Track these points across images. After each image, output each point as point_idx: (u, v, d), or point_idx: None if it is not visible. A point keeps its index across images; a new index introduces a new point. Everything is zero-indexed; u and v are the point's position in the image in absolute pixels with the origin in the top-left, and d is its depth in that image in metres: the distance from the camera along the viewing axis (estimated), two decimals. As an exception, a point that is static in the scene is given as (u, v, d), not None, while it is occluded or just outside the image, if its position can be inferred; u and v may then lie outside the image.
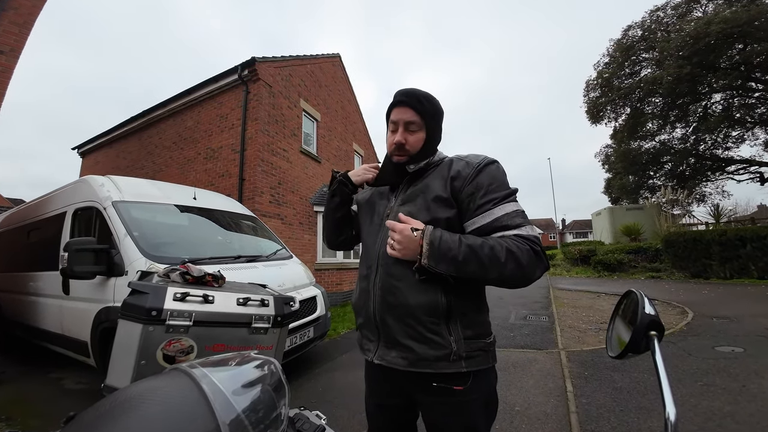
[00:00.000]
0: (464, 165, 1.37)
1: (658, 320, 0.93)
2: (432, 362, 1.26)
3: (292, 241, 10.42)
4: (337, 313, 9.23)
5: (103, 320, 3.75)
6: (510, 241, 1.19)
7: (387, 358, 1.35)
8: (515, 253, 1.16)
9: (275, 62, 10.72)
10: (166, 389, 0.77)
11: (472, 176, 1.32)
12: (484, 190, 1.29)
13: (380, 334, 1.37)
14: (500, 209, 1.26)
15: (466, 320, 1.30)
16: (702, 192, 28.90)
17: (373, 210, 1.56)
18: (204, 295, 1.98)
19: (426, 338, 1.27)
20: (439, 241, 1.19)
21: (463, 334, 1.28)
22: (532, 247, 1.19)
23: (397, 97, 1.42)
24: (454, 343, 1.26)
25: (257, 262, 4.72)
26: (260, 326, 2.07)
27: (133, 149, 13.40)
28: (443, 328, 1.27)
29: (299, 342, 4.62)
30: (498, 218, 1.25)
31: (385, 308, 1.34)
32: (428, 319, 1.26)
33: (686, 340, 5.75)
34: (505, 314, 8.64)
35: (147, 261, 3.63)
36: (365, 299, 1.42)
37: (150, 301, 1.80)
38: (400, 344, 1.31)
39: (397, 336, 1.31)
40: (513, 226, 1.23)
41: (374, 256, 1.44)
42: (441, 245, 1.18)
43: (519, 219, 1.24)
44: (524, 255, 1.17)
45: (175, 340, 1.81)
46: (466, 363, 1.26)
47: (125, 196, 4.45)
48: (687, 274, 14.28)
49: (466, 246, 1.18)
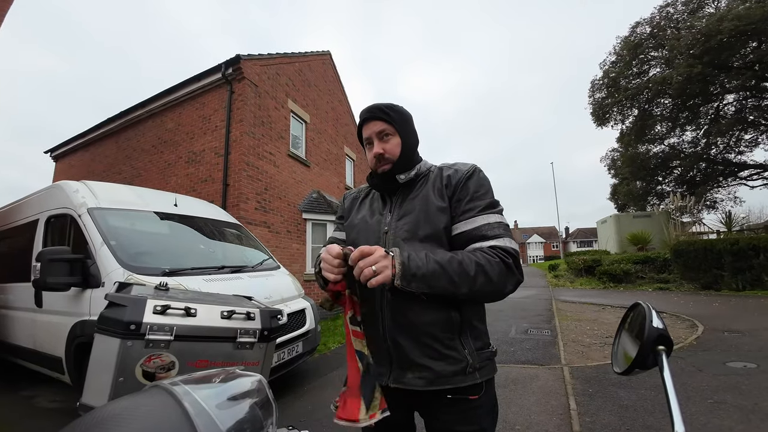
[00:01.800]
0: (454, 172, 1.49)
1: (666, 334, 0.94)
2: (450, 378, 1.31)
3: (279, 250, 10.41)
4: (327, 327, 9.19)
5: (78, 334, 3.72)
6: (481, 254, 1.26)
7: (404, 380, 1.37)
8: (484, 267, 1.23)
9: (261, 60, 10.75)
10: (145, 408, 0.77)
11: (462, 182, 1.43)
12: (470, 197, 1.40)
13: (392, 356, 1.39)
14: (483, 218, 1.35)
15: (475, 331, 1.39)
16: (713, 198, 28.99)
17: (369, 229, 1.56)
18: (186, 308, 1.98)
19: (443, 355, 1.32)
20: (408, 261, 1.22)
21: (474, 346, 1.36)
22: (502, 259, 1.25)
23: (363, 115, 1.52)
24: (469, 355, 1.33)
25: (242, 272, 4.71)
26: (246, 341, 2.07)
27: (109, 153, 13.36)
28: (458, 342, 1.34)
29: (287, 357, 4.61)
30: (479, 227, 1.34)
31: (396, 329, 1.36)
32: (444, 336, 1.33)
33: (696, 355, 5.79)
34: (505, 328, 8.66)
35: (125, 271, 3.62)
36: (372, 321, 1.43)
37: (128, 314, 1.79)
38: (416, 364, 1.34)
39: (412, 356, 1.34)
40: (490, 237, 1.31)
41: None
42: (411, 265, 1.21)
43: (499, 230, 1.33)
44: (494, 268, 1.23)
45: (156, 355, 1.81)
46: (480, 374, 1.34)
47: (101, 203, 4.44)
48: (697, 285, 14.28)
49: (434, 262, 1.23)
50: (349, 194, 1.79)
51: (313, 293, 10.92)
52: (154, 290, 2.26)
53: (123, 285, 2.28)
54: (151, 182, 11.25)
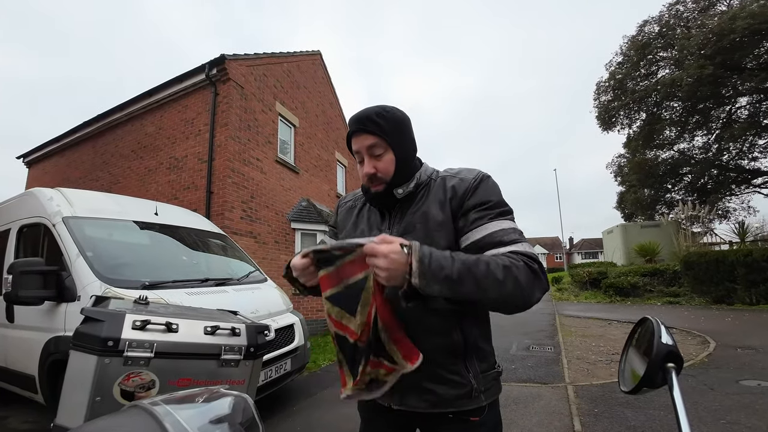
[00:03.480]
0: (459, 181, 1.41)
1: (676, 351, 0.94)
2: (453, 401, 1.33)
3: (266, 261, 10.38)
4: (317, 344, 9.17)
5: (52, 351, 3.70)
6: (505, 258, 1.18)
7: (406, 402, 1.38)
8: (513, 271, 1.14)
9: (248, 60, 10.79)
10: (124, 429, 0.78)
11: (470, 192, 1.37)
12: (480, 205, 1.34)
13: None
14: (496, 224, 1.29)
15: (480, 353, 1.39)
16: (725, 207, 29.04)
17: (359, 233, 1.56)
18: (167, 323, 1.98)
19: (447, 379, 1.33)
20: (429, 258, 1.10)
21: (479, 369, 1.37)
22: (527, 264, 1.18)
23: (352, 126, 1.42)
24: (473, 379, 1.33)
25: (227, 285, 4.71)
26: (231, 358, 2.07)
27: (86, 158, 13.33)
28: (462, 366, 1.34)
29: (275, 376, 4.59)
30: (492, 233, 1.27)
31: None
32: (448, 361, 1.34)
33: (707, 373, 5.82)
34: (505, 344, 8.65)
35: (102, 284, 3.61)
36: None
37: (106, 329, 1.80)
38: (419, 387, 1.35)
39: (415, 381, 1.34)
40: (507, 242, 1.24)
41: None
42: (432, 262, 1.10)
43: (515, 235, 1.27)
44: (521, 272, 1.15)
45: (135, 373, 1.81)
46: (485, 395, 1.36)
47: (77, 212, 4.43)
48: (708, 299, 14.32)
49: (460, 263, 1.12)
50: (344, 202, 1.75)
51: (303, 307, 10.89)
52: (133, 304, 2.26)
53: (100, 299, 2.28)
54: (130, 190, 11.20)
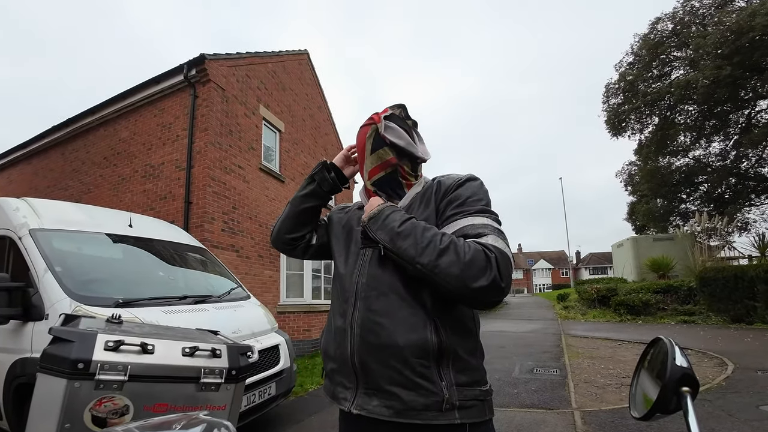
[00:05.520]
0: (446, 178, 1.56)
1: (691, 374, 0.94)
2: (420, 411, 1.29)
3: (249, 277, 10.35)
4: (304, 366, 9.13)
5: (18, 374, 3.64)
6: (462, 240, 1.28)
7: (368, 407, 1.37)
8: (458, 247, 1.24)
9: (229, 60, 10.82)
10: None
11: (452, 189, 1.48)
12: (458, 202, 1.43)
13: (359, 379, 1.40)
14: (467, 220, 1.36)
15: (460, 364, 1.36)
16: (744, 219, 28.87)
17: (351, 236, 1.65)
18: (142, 344, 1.97)
19: (414, 383, 1.30)
20: (389, 213, 1.40)
21: (455, 380, 1.32)
22: (484, 249, 1.23)
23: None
24: (446, 389, 1.29)
25: (207, 303, 4.70)
26: (211, 381, 2.07)
27: (55, 166, 13.28)
28: (434, 371, 1.31)
29: (258, 401, 4.57)
30: (461, 228, 1.34)
31: (365, 349, 1.37)
32: (417, 361, 1.30)
33: (725, 397, 5.84)
34: (507, 366, 8.66)
35: (72, 302, 3.60)
36: (341, 339, 1.46)
37: (76, 351, 1.79)
38: (384, 390, 1.34)
39: (380, 381, 1.34)
40: (473, 235, 1.30)
41: (352, 289, 1.49)
42: (389, 216, 1.39)
43: (484, 230, 1.31)
44: (469, 252, 1.22)
45: (107, 398, 1.80)
46: (460, 413, 1.30)
47: (45, 223, 4.40)
48: (726, 318, 14.22)
49: (410, 222, 1.35)
50: (337, 208, 1.89)
51: (288, 326, 10.87)
52: (105, 323, 2.26)
53: (70, 317, 2.28)
54: (103, 200, 11.16)
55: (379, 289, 1.41)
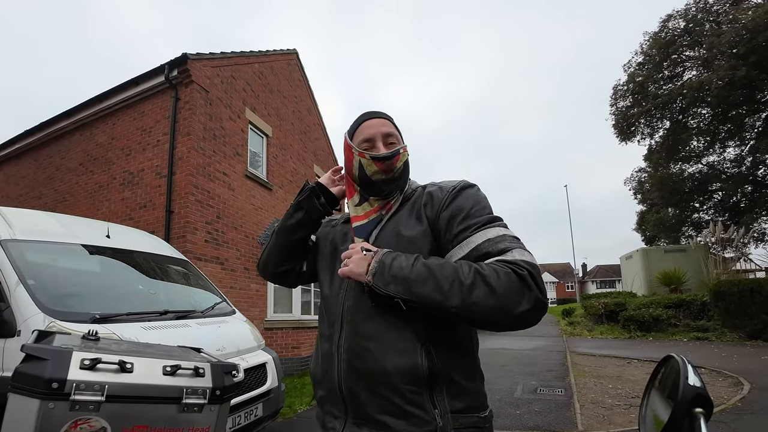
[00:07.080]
0: (437, 189, 1.50)
1: (705, 394, 0.90)
2: None
3: (234, 291, 10.32)
4: (293, 385, 9.08)
5: (-13, 394, 3.64)
6: (485, 265, 1.21)
7: None
8: (487, 277, 1.17)
9: (213, 60, 10.83)
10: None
11: (447, 202, 1.42)
12: (462, 216, 1.37)
13: (347, 408, 1.39)
14: (481, 235, 1.31)
15: (455, 388, 1.33)
16: (761, 229, 28.76)
17: (336, 254, 1.60)
18: (120, 362, 1.96)
19: (404, 411, 1.27)
20: (391, 261, 1.28)
21: (450, 406, 1.29)
22: (514, 270, 1.18)
23: (365, 116, 1.59)
24: (440, 417, 1.26)
25: (189, 319, 4.68)
26: (193, 402, 2.06)
27: (27, 173, 13.23)
28: (425, 398, 1.28)
29: (244, 422, 4.54)
30: (478, 246, 1.29)
31: (353, 376, 1.36)
32: (407, 388, 1.28)
33: (741, 419, 5.85)
34: (509, 386, 8.65)
35: (46, 317, 3.56)
36: (328, 365, 1.44)
37: (50, 369, 1.78)
38: (373, 420, 1.32)
39: (369, 410, 1.32)
40: (495, 253, 1.25)
41: (338, 311, 1.47)
42: (393, 264, 1.27)
43: (504, 243, 1.27)
44: (500, 279, 1.16)
45: (83, 420, 1.79)
46: None
47: (17, 234, 4.38)
48: (742, 334, 14.16)
49: (422, 265, 1.25)
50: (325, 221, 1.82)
51: (276, 344, 10.83)
52: (81, 340, 2.25)
53: (43, 334, 2.27)
54: (79, 208, 11.10)
55: (365, 312, 1.38)
